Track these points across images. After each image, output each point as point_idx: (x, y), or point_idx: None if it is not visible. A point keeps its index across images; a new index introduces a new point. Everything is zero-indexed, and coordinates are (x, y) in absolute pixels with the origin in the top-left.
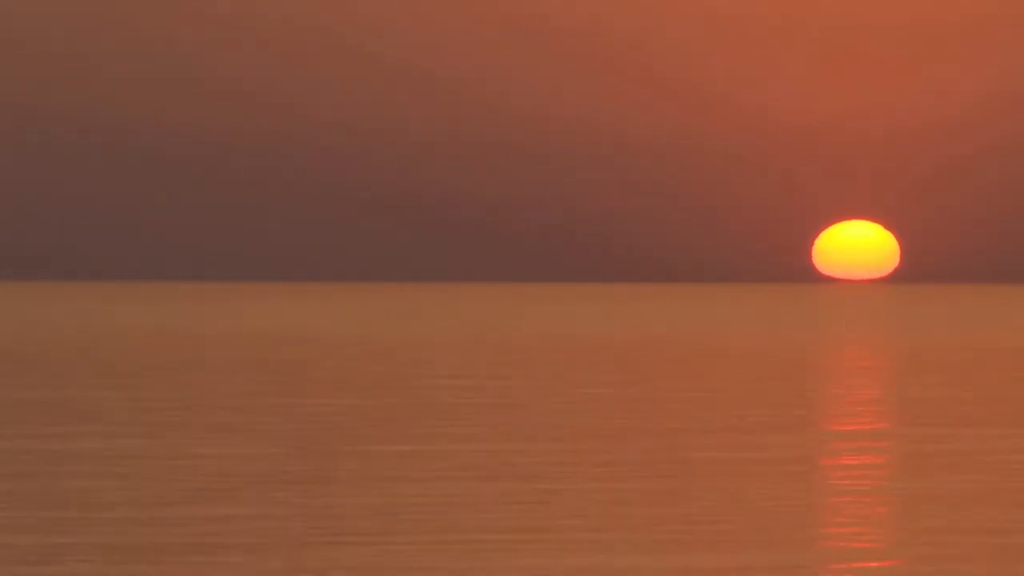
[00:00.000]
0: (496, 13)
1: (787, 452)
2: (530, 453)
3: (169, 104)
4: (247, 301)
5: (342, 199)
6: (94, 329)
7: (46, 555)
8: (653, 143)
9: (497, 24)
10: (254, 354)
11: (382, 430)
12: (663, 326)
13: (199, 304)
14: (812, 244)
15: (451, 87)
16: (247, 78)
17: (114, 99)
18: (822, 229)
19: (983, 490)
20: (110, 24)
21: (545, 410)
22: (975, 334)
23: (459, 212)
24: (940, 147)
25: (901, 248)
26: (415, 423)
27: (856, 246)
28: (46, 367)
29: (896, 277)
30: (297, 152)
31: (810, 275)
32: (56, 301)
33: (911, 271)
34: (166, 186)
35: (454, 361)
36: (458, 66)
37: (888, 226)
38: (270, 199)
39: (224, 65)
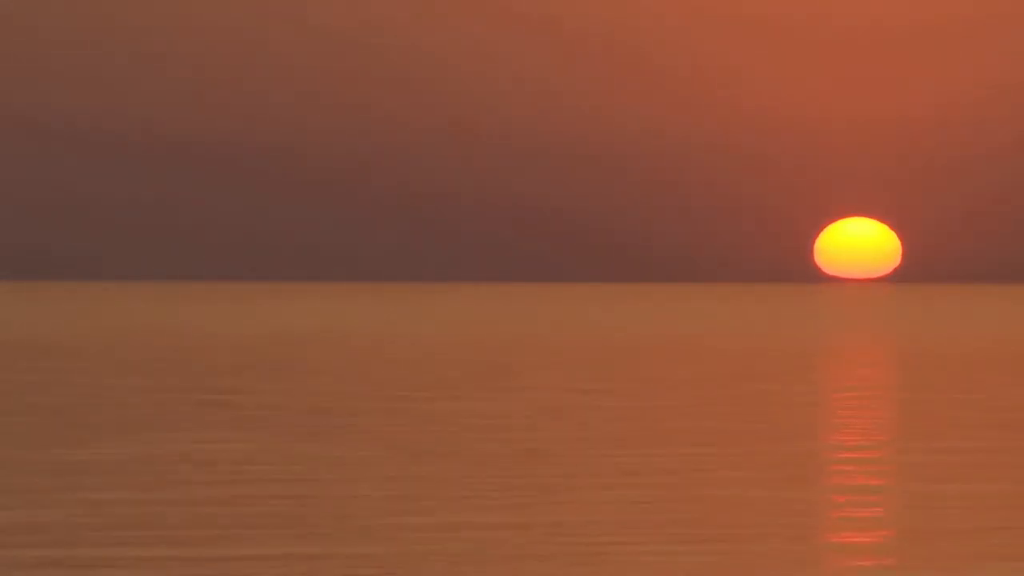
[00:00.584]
0: (497, 12)
1: (788, 460)
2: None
3: (171, 104)
4: (273, 302)
5: (341, 199)
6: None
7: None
8: (651, 142)
9: (496, 23)
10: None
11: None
12: (668, 327)
13: (239, 305)
14: (814, 242)
15: (453, 87)
16: (251, 78)
17: (115, 98)
18: (823, 227)
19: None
20: (110, 23)
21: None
22: (982, 336)
23: (457, 212)
24: (943, 143)
25: (903, 246)
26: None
27: (858, 244)
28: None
29: (898, 275)
30: (299, 151)
31: (813, 274)
32: (72, 301)
33: (913, 269)
34: (161, 184)
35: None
36: (459, 65)
37: (890, 223)
38: (270, 198)
39: (228, 66)
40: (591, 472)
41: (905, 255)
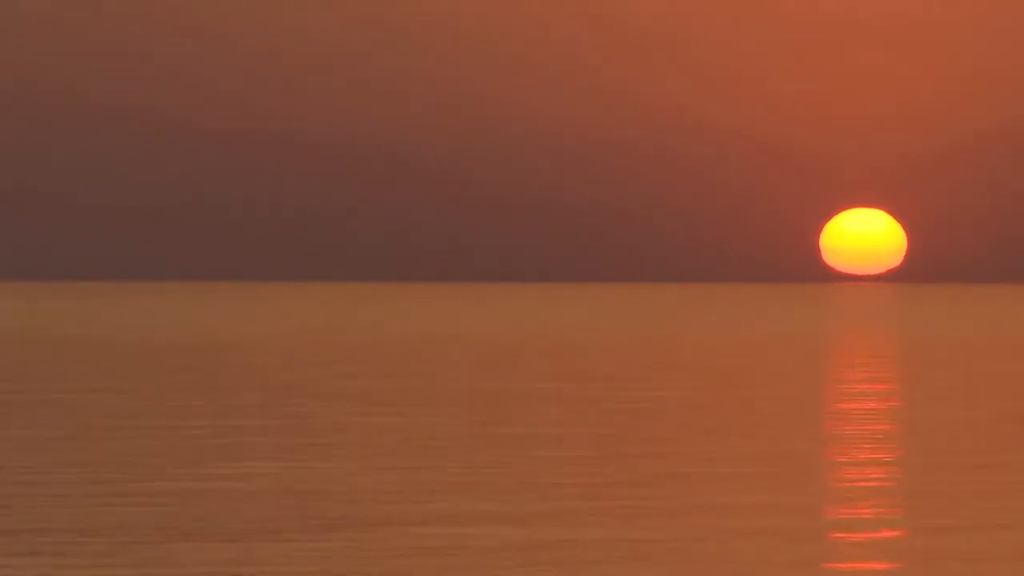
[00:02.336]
0: (489, 12)
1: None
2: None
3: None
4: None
5: (338, 199)
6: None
7: None
8: (649, 140)
9: (496, 25)
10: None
11: None
12: (686, 328)
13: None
14: (819, 235)
15: (457, 88)
16: (250, 74)
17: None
18: (827, 219)
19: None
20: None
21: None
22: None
23: (457, 212)
24: (945, 133)
25: (908, 237)
26: None
27: (863, 238)
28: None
29: (905, 267)
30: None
31: (818, 269)
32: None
33: (919, 261)
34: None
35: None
36: (460, 68)
37: (893, 213)
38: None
39: (232, 61)
40: None
41: (910, 246)
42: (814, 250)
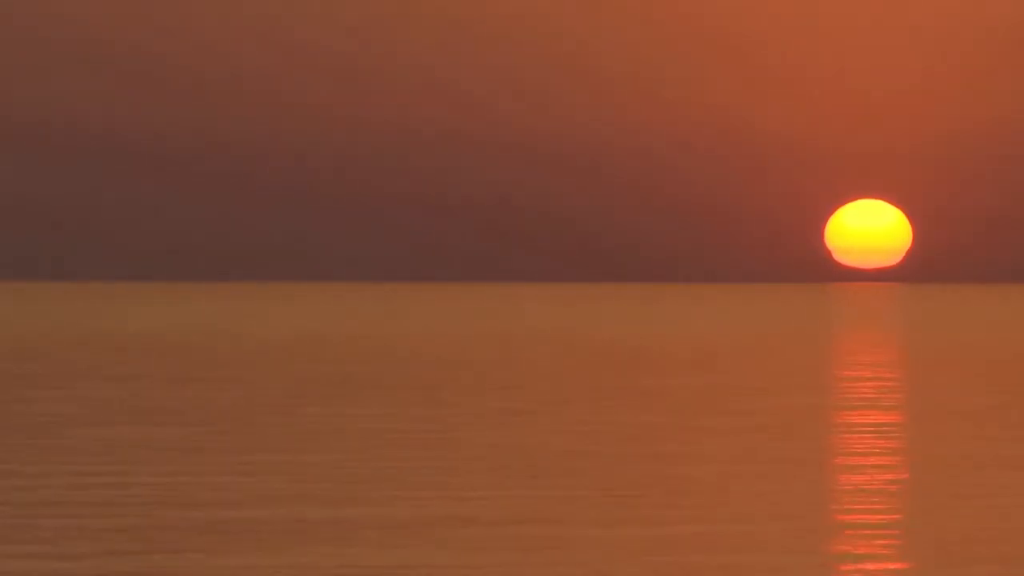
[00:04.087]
0: (494, 17)
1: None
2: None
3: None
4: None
5: (337, 200)
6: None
7: None
8: (646, 141)
9: (498, 22)
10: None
11: None
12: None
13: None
14: (824, 228)
15: (465, 88)
16: (243, 78)
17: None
18: (831, 212)
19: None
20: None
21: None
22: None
23: (467, 212)
24: (946, 124)
25: (913, 230)
26: None
27: (868, 231)
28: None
29: (909, 261)
30: (294, 153)
31: (823, 263)
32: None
33: (924, 254)
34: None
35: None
36: (465, 67)
37: (900, 205)
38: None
39: (224, 68)
40: None
41: (916, 238)
42: (819, 243)
